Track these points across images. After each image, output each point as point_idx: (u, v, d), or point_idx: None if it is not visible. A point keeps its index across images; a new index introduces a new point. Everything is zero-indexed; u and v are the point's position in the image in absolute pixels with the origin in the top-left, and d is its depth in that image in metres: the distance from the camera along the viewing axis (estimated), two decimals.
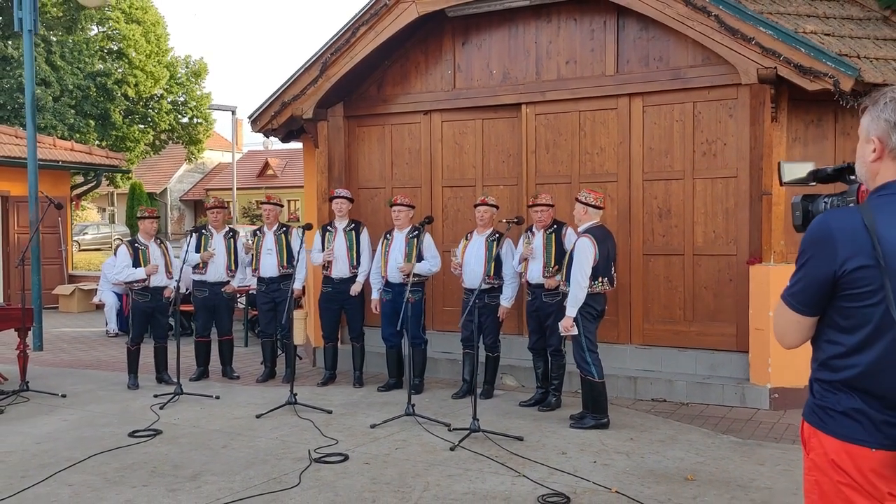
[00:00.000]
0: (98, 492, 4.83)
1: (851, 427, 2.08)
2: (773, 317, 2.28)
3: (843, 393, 2.10)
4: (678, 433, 6.10)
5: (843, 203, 2.27)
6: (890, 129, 2.07)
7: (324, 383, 7.94)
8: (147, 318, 7.99)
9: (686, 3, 6.81)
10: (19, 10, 10.15)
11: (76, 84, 24.08)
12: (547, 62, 8.01)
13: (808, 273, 2.12)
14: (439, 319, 8.57)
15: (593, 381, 6.18)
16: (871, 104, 2.13)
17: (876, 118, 2.10)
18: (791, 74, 6.40)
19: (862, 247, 2.01)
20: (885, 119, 2.08)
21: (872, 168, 2.14)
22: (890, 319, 1.99)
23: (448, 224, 8.61)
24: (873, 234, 2.00)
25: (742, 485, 4.93)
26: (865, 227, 2.02)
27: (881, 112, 2.09)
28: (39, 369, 8.83)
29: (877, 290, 2.01)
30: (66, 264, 15.36)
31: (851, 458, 2.08)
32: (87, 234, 35.90)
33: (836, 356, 2.11)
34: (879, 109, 2.09)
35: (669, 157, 7.50)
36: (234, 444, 5.85)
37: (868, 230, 2.01)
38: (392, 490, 4.84)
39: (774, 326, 2.27)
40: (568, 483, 4.95)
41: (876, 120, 2.10)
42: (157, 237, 8.21)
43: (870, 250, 2.00)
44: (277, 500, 4.68)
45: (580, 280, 6.05)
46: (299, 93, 8.57)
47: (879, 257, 1.99)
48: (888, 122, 2.07)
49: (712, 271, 7.34)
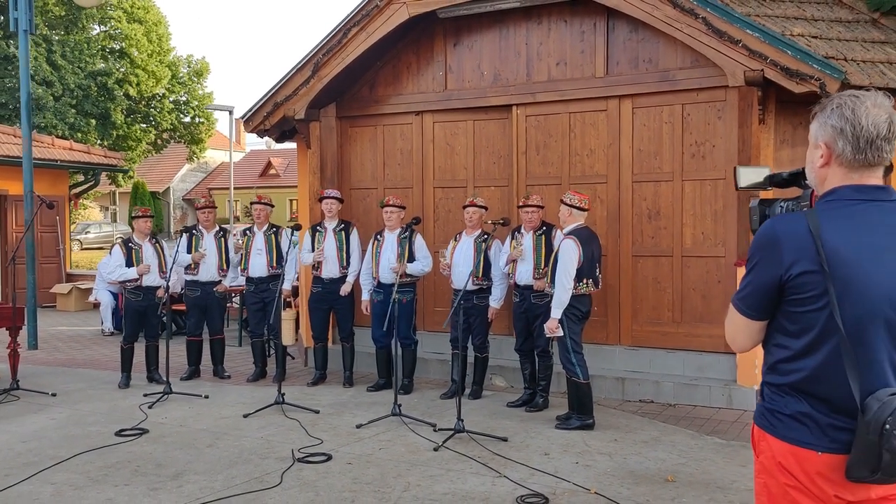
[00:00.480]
0: (80, 490, 4.86)
1: (798, 430, 2.09)
2: (725, 321, 2.30)
3: (791, 396, 2.11)
4: (662, 434, 6.11)
5: (797, 208, 2.29)
6: (836, 135, 2.08)
7: (314, 383, 7.96)
8: (140, 318, 8.03)
9: (674, 5, 6.82)
10: (15, 11, 10.20)
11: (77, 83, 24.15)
12: (538, 64, 8.03)
13: (756, 278, 2.14)
14: (430, 320, 8.59)
15: (578, 381, 6.20)
16: (819, 110, 2.14)
17: (823, 124, 2.12)
18: (778, 77, 6.41)
19: (806, 252, 2.03)
20: (831, 125, 2.09)
21: (820, 174, 2.15)
22: (834, 324, 2.01)
23: (439, 225, 8.63)
24: (817, 239, 2.02)
25: (722, 486, 4.94)
26: (810, 233, 2.03)
27: (828, 118, 2.10)
28: (32, 368, 8.88)
29: (821, 295, 2.02)
30: (64, 263, 15.41)
31: (798, 461, 2.09)
32: (90, 233, 36.02)
33: (783, 360, 2.13)
34: (826, 115, 2.11)
35: (658, 159, 7.51)
36: (219, 444, 5.88)
37: (812, 235, 2.02)
38: (372, 490, 4.86)
39: (726, 330, 2.29)
40: (548, 484, 4.97)
41: (823, 126, 2.12)
42: (152, 237, 8.25)
43: (814, 255, 2.02)
44: (257, 499, 4.71)
45: (564, 282, 6.07)
46: (291, 93, 8.59)
47: (823, 262, 2.00)
48: (834, 128, 2.08)
49: (701, 273, 7.35)
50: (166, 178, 45.15)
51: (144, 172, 40.88)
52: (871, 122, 2.05)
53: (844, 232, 2.03)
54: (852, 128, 2.05)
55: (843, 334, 2.00)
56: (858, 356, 2.01)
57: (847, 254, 2.01)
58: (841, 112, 2.07)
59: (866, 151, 2.06)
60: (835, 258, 2.01)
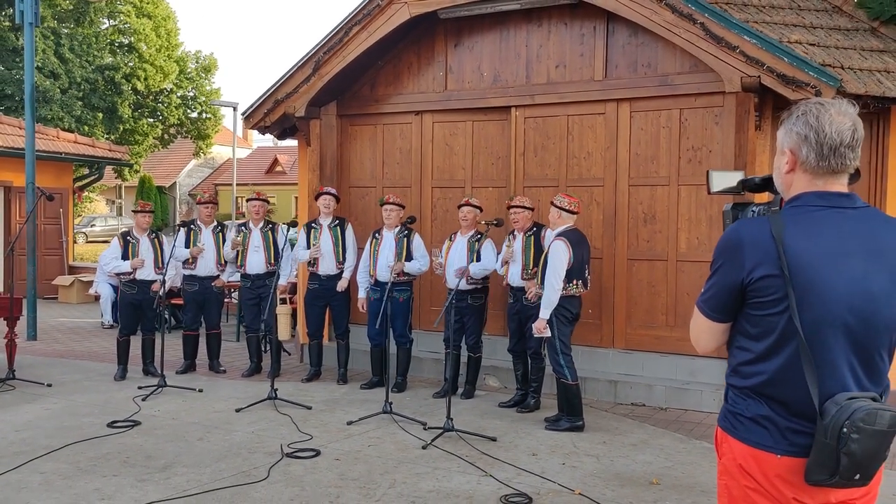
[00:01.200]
0: (68, 480, 4.91)
1: (759, 433, 2.12)
2: (690, 323, 2.33)
3: (752, 399, 2.14)
4: (651, 437, 6.13)
5: (768, 212, 2.31)
6: (801, 141, 2.11)
7: (308, 379, 8.00)
8: (134, 311, 8.08)
9: (673, 10, 6.84)
10: (21, 3, 10.27)
11: (84, 77, 24.26)
12: (537, 66, 8.05)
13: (719, 280, 2.16)
14: (425, 319, 8.61)
15: (567, 383, 6.22)
16: (786, 117, 2.17)
17: (789, 131, 2.14)
18: (774, 83, 6.42)
19: (768, 256, 2.06)
20: (796, 132, 2.12)
21: (786, 179, 2.18)
22: (793, 328, 2.04)
23: (437, 224, 8.66)
24: (779, 244, 2.04)
25: (706, 490, 4.96)
26: (773, 238, 2.06)
27: (793, 125, 2.13)
28: (30, 358, 8.94)
29: (781, 299, 2.05)
30: (67, 255, 15.49)
31: (758, 464, 2.12)
32: (96, 226, 36.15)
33: (745, 363, 2.16)
34: (792, 122, 2.14)
35: (655, 163, 7.53)
36: (209, 437, 5.92)
37: (775, 240, 2.05)
38: (358, 486, 4.90)
39: (690, 331, 2.32)
40: (533, 484, 5.00)
41: (789, 133, 2.14)
42: (152, 232, 8.29)
43: (775, 260, 2.04)
44: (243, 492, 4.75)
45: (554, 282, 6.11)
46: (292, 91, 8.63)
47: (784, 267, 2.03)
48: (799, 135, 2.11)
49: (695, 277, 7.35)
50: (173, 173, 45.26)
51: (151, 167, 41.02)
52: (835, 129, 2.07)
53: (806, 237, 2.06)
54: (816, 135, 2.08)
55: (802, 338, 2.02)
56: (817, 360, 2.04)
57: (808, 259, 2.04)
58: (805, 119, 2.10)
59: (829, 159, 2.08)
60: (796, 263, 2.04)
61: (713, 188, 2.47)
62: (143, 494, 4.67)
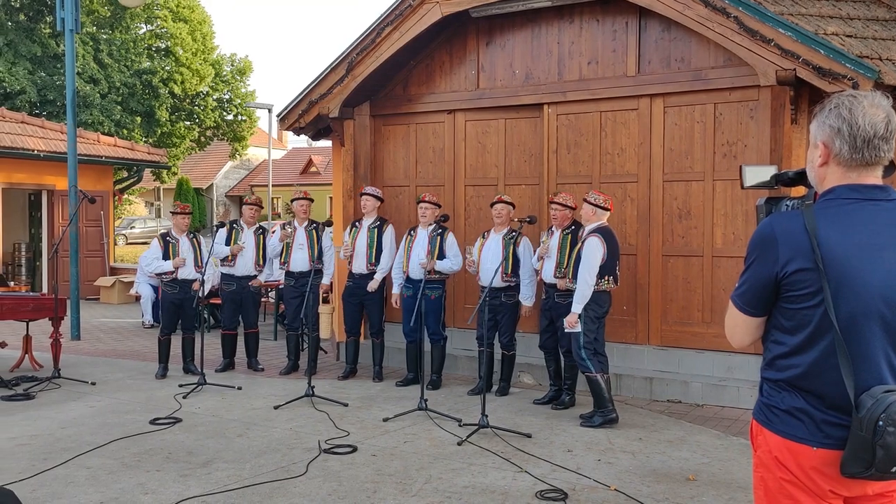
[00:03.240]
0: (114, 475, 5.03)
1: (794, 425, 2.12)
2: (725, 317, 2.33)
3: (787, 392, 2.14)
4: (688, 434, 6.11)
5: (802, 206, 2.31)
6: (834, 134, 2.11)
7: (344, 377, 8.09)
8: (176, 310, 8.23)
9: (706, 4, 6.79)
10: (62, 10, 10.51)
11: (123, 81, 24.69)
12: (569, 62, 8.05)
13: (753, 275, 2.17)
14: (460, 317, 8.65)
15: (590, 375, 6.23)
16: (818, 110, 2.17)
17: (822, 124, 2.14)
18: (810, 76, 6.35)
19: (802, 250, 2.06)
20: (829, 125, 2.12)
21: (819, 173, 2.18)
22: (828, 321, 2.04)
23: (470, 222, 8.70)
24: (813, 237, 2.04)
25: (744, 486, 4.93)
26: (806, 231, 2.06)
27: (826, 118, 2.13)
28: (74, 357, 9.15)
29: (816, 293, 2.05)
30: (108, 257, 15.81)
31: (794, 456, 2.12)
32: (135, 228, 36.78)
33: (780, 356, 2.16)
34: (825, 115, 2.13)
35: (690, 159, 7.49)
36: (249, 434, 6.03)
37: (808, 234, 2.05)
38: (395, 482, 4.96)
39: (726, 325, 2.33)
40: (569, 480, 5.01)
41: (822, 126, 2.14)
42: (190, 232, 8.45)
43: (809, 253, 2.05)
44: (283, 487, 4.83)
45: (587, 278, 6.13)
46: (326, 92, 8.73)
47: (818, 260, 2.03)
48: (832, 127, 2.11)
49: (731, 273, 7.29)
50: (209, 174, 45.83)
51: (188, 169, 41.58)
52: (868, 121, 2.07)
53: (840, 230, 2.06)
54: (849, 127, 2.08)
55: (837, 331, 2.02)
56: (853, 353, 2.04)
57: (842, 252, 2.04)
58: (838, 112, 2.10)
59: (863, 151, 2.08)
60: (830, 256, 2.04)
61: (746, 183, 2.47)
62: (186, 489, 4.78)
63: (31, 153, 14.20)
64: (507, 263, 7.15)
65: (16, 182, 14.78)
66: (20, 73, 22.46)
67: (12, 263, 16.37)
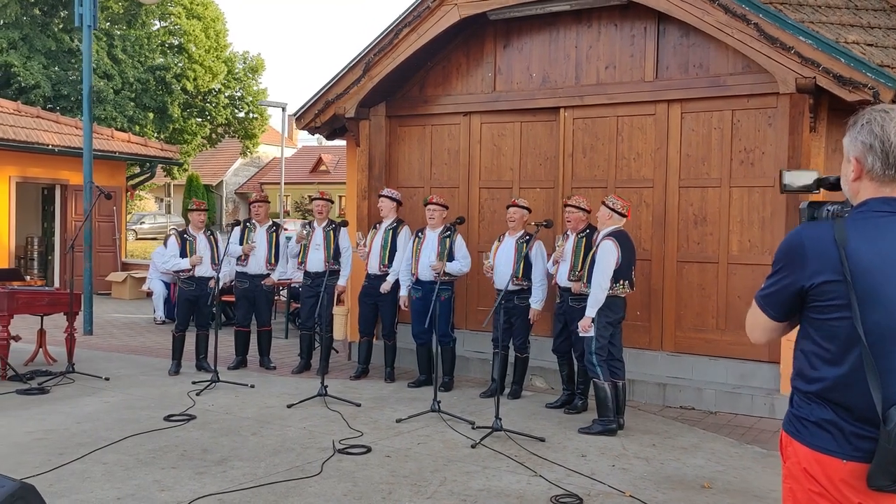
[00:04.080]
0: (129, 471, 5.06)
1: (823, 438, 2.12)
2: (748, 312, 2.35)
3: (817, 404, 2.14)
4: (702, 441, 6.10)
5: (842, 212, 2.31)
6: (866, 150, 2.11)
7: (356, 377, 8.11)
8: (191, 306, 8.27)
9: (726, 10, 6.78)
10: (80, 7, 10.56)
11: (136, 77, 24.78)
12: (587, 66, 8.05)
13: (779, 282, 2.18)
14: (472, 319, 8.67)
15: (597, 382, 6.22)
16: (851, 125, 2.17)
17: (854, 140, 2.15)
18: (830, 85, 6.34)
19: (830, 262, 2.06)
20: (861, 141, 2.12)
21: (853, 187, 2.18)
22: (856, 334, 2.04)
23: (484, 225, 8.71)
24: (842, 249, 2.05)
25: (759, 495, 4.93)
26: (835, 243, 2.06)
27: (858, 134, 2.13)
28: (88, 352, 9.18)
29: (844, 305, 2.05)
30: (120, 252, 15.87)
31: (823, 468, 2.12)
32: (145, 224, 36.94)
33: (809, 367, 2.16)
34: (857, 132, 2.14)
35: (706, 165, 7.48)
36: (263, 432, 6.04)
37: (838, 246, 2.05)
38: (409, 483, 4.96)
39: (746, 321, 2.35)
40: (583, 485, 5.01)
41: (854, 142, 2.15)
42: (207, 229, 8.48)
43: (837, 266, 2.05)
44: (298, 486, 4.84)
45: (601, 282, 6.12)
46: (343, 92, 8.75)
47: (846, 273, 2.03)
48: (864, 143, 2.11)
49: (747, 280, 7.28)
50: (219, 171, 45.96)
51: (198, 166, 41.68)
52: None
53: (871, 243, 2.06)
54: (881, 144, 2.08)
55: (864, 344, 2.02)
56: (881, 366, 2.03)
57: (872, 265, 2.04)
58: (870, 128, 2.10)
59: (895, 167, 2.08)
60: (858, 269, 2.04)
61: (787, 187, 2.46)
62: (202, 486, 4.79)
63: (46, 148, 14.26)
64: (519, 267, 7.15)
65: (30, 176, 14.85)
66: (35, 68, 22.57)
67: (25, 257, 16.45)
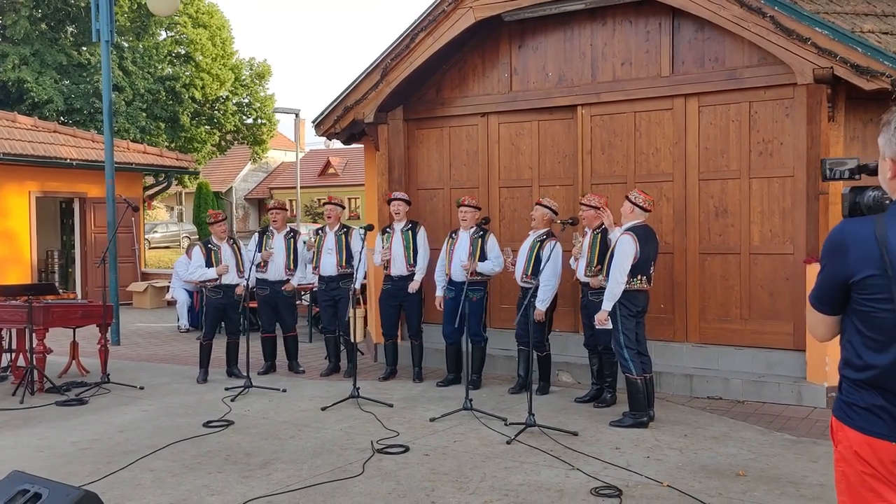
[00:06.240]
0: (178, 477, 5.19)
1: (873, 422, 2.23)
2: (807, 315, 2.46)
3: (866, 390, 2.25)
4: (732, 430, 6.19)
5: (883, 197, 2.39)
6: None
7: (385, 378, 8.22)
8: (219, 315, 8.40)
9: (741, 4, 6.86)
10: (97, 22, 10.70)
11: (147, 88, 24.97)
12: (602, 64, 8.14)
13: (826, 278, 2.30)
14: (497, 317, 8.77)
15: (629, 376, 6.30)
16: (884, 124, 2.26)
17: (889, 140, 2.24)
18: (848, 74, 6.41)
19: (871, 256, 2.17)
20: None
21: (892, 185, 2.28)
22: None
23: (505, 224, 8.81)
24: (882, 244, 2.15)
25: (793, 481, 5.02)
26: (876, 238, 2.16)
27: (893, 136, 2.22)
28: (118, 363, 9.32)
29: (887, 298, 2.16)
30: (140, 262, 16.05)
31: (874, 451, 2.23)
32: (157, 233, 37.14)
33: (856, 356, 2.27)
34: (892, 132, 2.23)
35: (725, 157, 7.56)
36: (301, 435, 6.17)
37: (878, 241, 2.15)
38: (451, 480, 5.08)
39: (807, 323, 2.46)
40: (621, 477, 5.11)
41: (889, 143, 2.24)
42: (230, 237, 8.62)
43: (878, 261, 2.15)
44: (343, 487, 4.96)
45: (617, 275, 6.20)
46: (361, 97, 8.86)
47: (887, 267, 2.13)
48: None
49: (769, 270, 7.37)
50: (228, 178, 46.18)
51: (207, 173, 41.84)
52: None
53: None
54: None
55: None
56: None
57: None
58: None
59: None
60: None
61: (829, 174, 2.55)
62: (250, 490, 4.92)
63: (65, 162, 14.44)
64: (529, 265, 7.23)
65: (49, 190, 15.04)
66: (47, 83, 22.78)
67: (45, 270, 16.65)
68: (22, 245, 14.58)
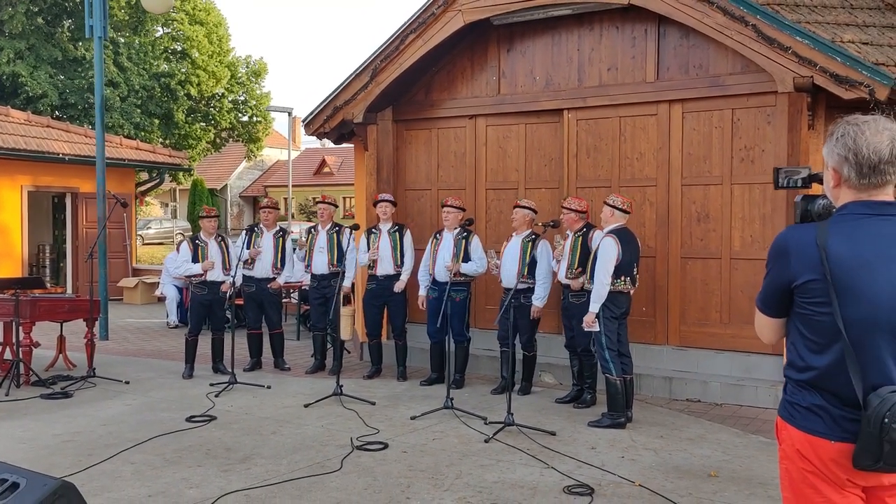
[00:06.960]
0: (157, 470, 5.26)
1: (814, 421, 2.32)
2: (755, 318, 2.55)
3: (807, 390, 2.34)
4: (708, 432, 6.28)
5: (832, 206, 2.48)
6: (842, 161, 2.30)
7: (369, 376, 8.30)
8: (205, 311, 8.47)
9: (724, 12, 6.96)
10: (90, 18, 10.76)
11: (142, 84, 25.02)
12: (589, 69, 8.23)
13: (770, 282, 2.40)
14: (481, 318, 8.85)
15: (609, 377, 6.40)
16: (829, 136, 2.35)
17: (831, 151, 2.33)
18: (827, 83, 6.51)
19: (812, 262, 2.26)
20: (837, 153, 2.31)
21: (834, 193, 2.38)
22: (838, 328, 2.23)
23: (491, 225, 8.90)
24: (822, 250, 2.24)
25: (763, 482, 5.10)
26: (817, 245, 2.25)
27: (834, 146, 2.32)
28: (105, 357, 9.38)
29: (826, 302, 2.25)
30: (131, 258, 16.10)
31: (814, 449, 2.31)
32: (151, 229, 37.19)
33: (799, 358, 2.36)
34: (833, 143, 2.32)
35: (708, 163, 7.65)
36: (282, 431, 6.24)
37: (819, 247, 2.24)
38: (427, 477, 5.16)
39: (755, 325, 2.55)
40: (594, 476, 5.20)
41: (831, 153, 2.33)
42: (218, 234, 8.69)
43: (818, 266, 2.24)
44: (319, 482, 5.04)
45: (602, 277, 6.31)
46: (350, 98, 8.94)
47: (826, 272, 2.22)
48: (840, 155, 2.30)
49: (749, 275, 7.46)
50: (224, 175, 46.20)
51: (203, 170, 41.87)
52: (872, 150, 2.25)
53: (850, 243, 2.25)
54: (854, 156, 2.27)
55: (844, 338, 2.22)
56: (864, 356, 2.23)
57: (850, 264, 2.23)
58: (844, 142, 2.29)
59: (869, 176, 2.27)
60: (838, 268, 2.23)
61: (781, 183, 2.64)
62: (228, 483, 4.99)
63: (57, 157, 14.49)
64: (523, 265, 7.33)
65: (42, 185, 15.08)
66: (42, 77, 22.81)
67: (37, 265, 16.68)
68: (13, 239, 14.63)
